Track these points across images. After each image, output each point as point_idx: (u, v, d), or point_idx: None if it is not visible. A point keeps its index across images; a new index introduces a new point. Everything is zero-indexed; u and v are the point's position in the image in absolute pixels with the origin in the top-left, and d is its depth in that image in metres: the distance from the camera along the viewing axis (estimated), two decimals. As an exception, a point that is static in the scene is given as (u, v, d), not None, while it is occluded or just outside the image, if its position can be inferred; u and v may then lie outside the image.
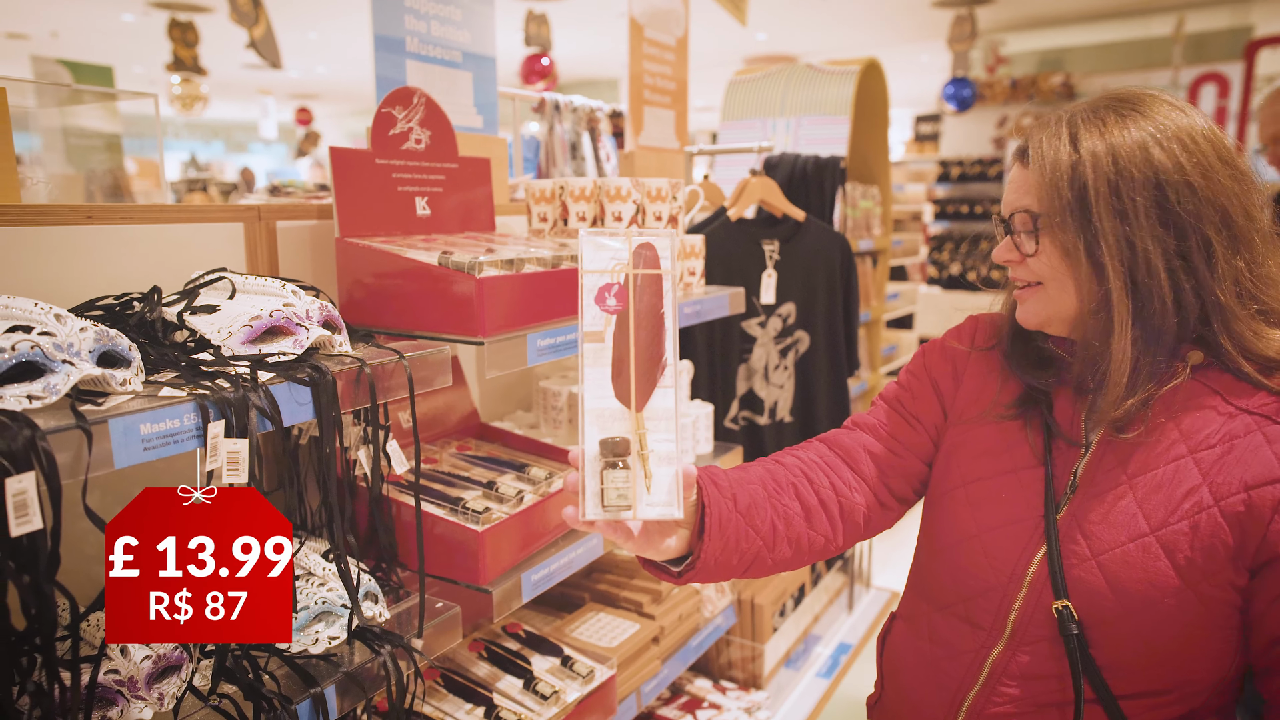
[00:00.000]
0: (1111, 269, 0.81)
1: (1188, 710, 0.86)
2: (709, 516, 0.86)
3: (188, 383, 0.86)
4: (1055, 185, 0.83)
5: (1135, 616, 0.83)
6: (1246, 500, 0.79)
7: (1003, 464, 0.94)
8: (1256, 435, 0.80)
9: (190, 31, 7.20)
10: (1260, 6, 6.49)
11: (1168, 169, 0.80)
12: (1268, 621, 0.80)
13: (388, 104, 1.36)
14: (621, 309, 0.76)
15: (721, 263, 2.00)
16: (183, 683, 0.90)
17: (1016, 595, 0.89)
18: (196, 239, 1.24)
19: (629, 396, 0.76)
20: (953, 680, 0.94)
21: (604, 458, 0.76)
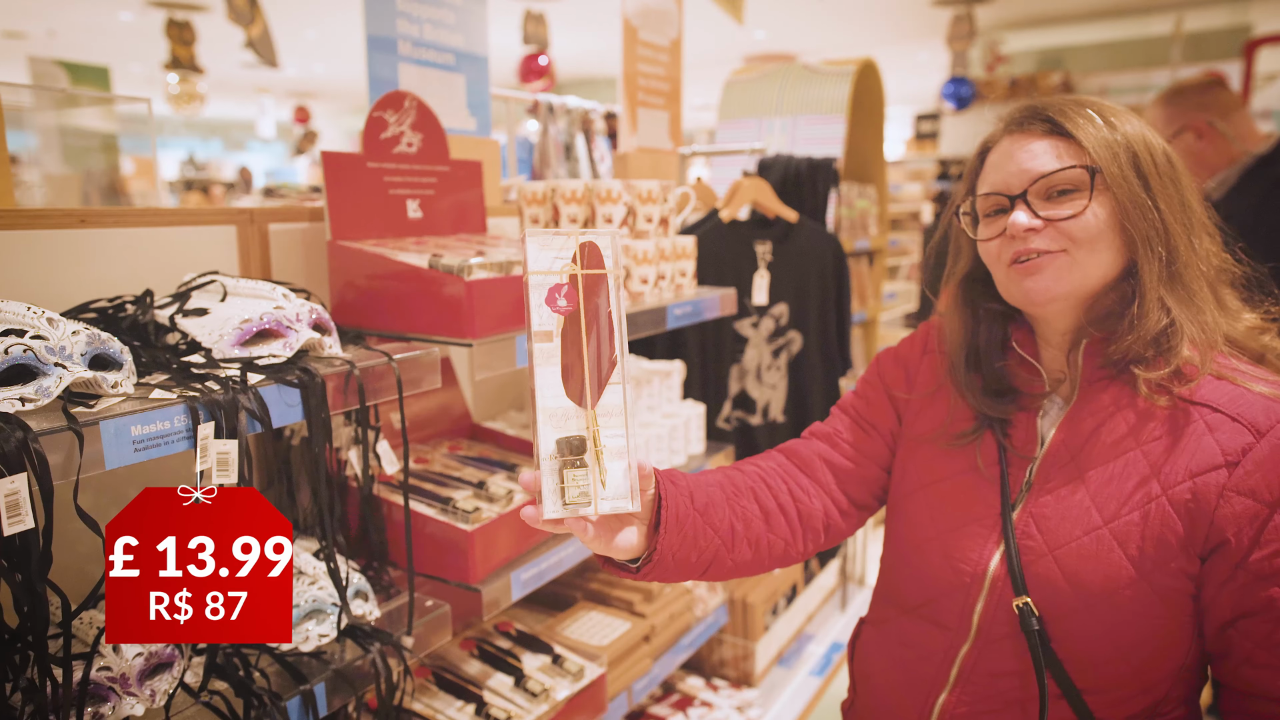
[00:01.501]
0: (1148, 233, 0.84)
1: (1152, 702, 0.88)
2: (665, 511, 0.86)
3: (178, 385, 0.87)
4: (1112, 149, 0.85)
5: (1093, 609, 0.85)
6: (1192, 488, 0.81)
7: (959, 465, 0.96)
8: (1199, 424, 0.83)
9: (188, 30, 7.21)
10: (1259, 5, 6.49)
11: (1171, 155, 0.88)
12: (1218, 606, 0.83)
13: (379, 108, 1.38)
14: (571, 309, 0.77)
15: (714, 264, 2.01)
16: (174, 680, 0.92)
17: (979, 594, 0.91)
18: (190, 242, 1.25)
19: (581, 395, 0.77)
20: (924, 682, 0.96)
21: (561, 456, 0.76)
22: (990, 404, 0.95)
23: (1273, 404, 0.81)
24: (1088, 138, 0.86)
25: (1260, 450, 0.80)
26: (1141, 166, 0.85)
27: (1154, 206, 0.85)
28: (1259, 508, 0.79)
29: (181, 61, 7.23)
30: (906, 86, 10.93)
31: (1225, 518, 0.80)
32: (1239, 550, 0.80)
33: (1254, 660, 0.82)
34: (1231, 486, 0.80)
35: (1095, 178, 0.85)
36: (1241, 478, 0.80)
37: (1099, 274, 0.87)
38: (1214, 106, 2.22)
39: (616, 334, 0.79)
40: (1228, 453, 0.81)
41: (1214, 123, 2.21)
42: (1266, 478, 0.79)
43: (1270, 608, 0.80)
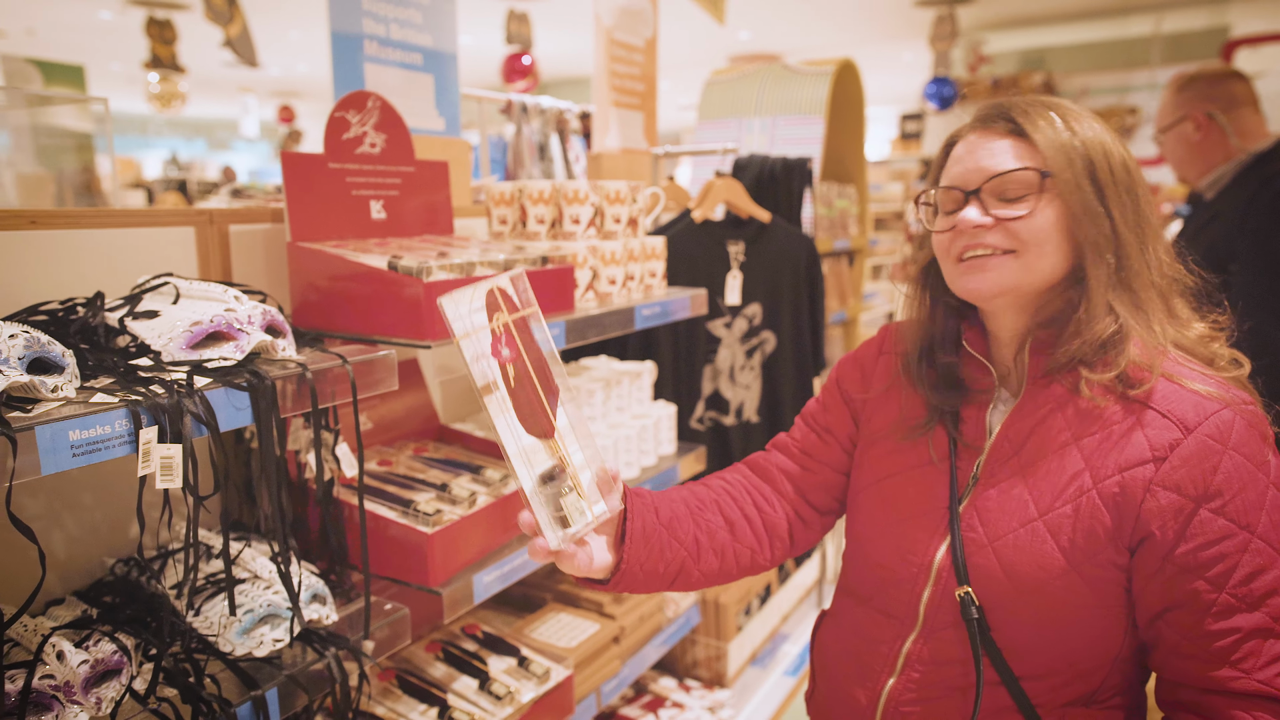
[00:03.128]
0: (1096, 237, 0.86)
1: (1088, 690, 0.90)
2: (630, 524, 0.91)
3: (122, 389, 0.86)
4: (1068, 154, 0.86)
5: (1028, 598, 0.87)
6: (1120, 482, 0.83)
7: (910, 460, 0.99)
8: (1133, 420, 0.85)
9: (168, 29, 7.15)
10: (1237, 7, 6.55)
11: (1129, 158, 0.89)
12: (1146, 598, 0.85)
13: (341, 108, 1.37)
14: (514, 355, 0.80)
15: (686, 264, 2.01)
16: (122, 687, 0.91)
17: (925, 585, 0.94)
18: (147, 244, 1.24)
19: (542, 429, 0.82)
20: (873, 670, 0.99)
21: (545, 489, 0.81)
22: (942, 396, 0.97)
23: (1204, 402, 0.83)
24: (1044, 141, 0.87)
25: (1187, 447, 0.82)
26: (1097, 174, 0.86)
27: (1106, 214, 0.86)
28: (1184, 502, 0.81)
29: (162, 60, 7.17)
30: (891, 87, 10.97)
31: (1151, 512, 0.82)
32: (1164, 544, 0.82)
33: (1180, 651, 0.84)
34: (1158, 481, 0.82)
35: (1045, 181, 0.87)
36: (1167, 473, 0.82)
37: (1044, 276, 0.89)
38: (1219, 99, 2.16)
39: (552, 364, 0.84)
40: (1155, 448, 0.82)
41: (1215, 116, 2.16)
42: (1191, 473, 0.81)
43: (1194, 600, 0.82)
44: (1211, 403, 0.83)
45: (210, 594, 1.05)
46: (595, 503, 0.85)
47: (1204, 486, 0.81)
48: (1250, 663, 0.81)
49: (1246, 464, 0.81)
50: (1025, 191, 0.87)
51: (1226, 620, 0.81)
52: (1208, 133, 2.18)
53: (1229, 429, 0.82)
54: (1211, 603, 0.81)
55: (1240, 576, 0.81)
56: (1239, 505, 0.81)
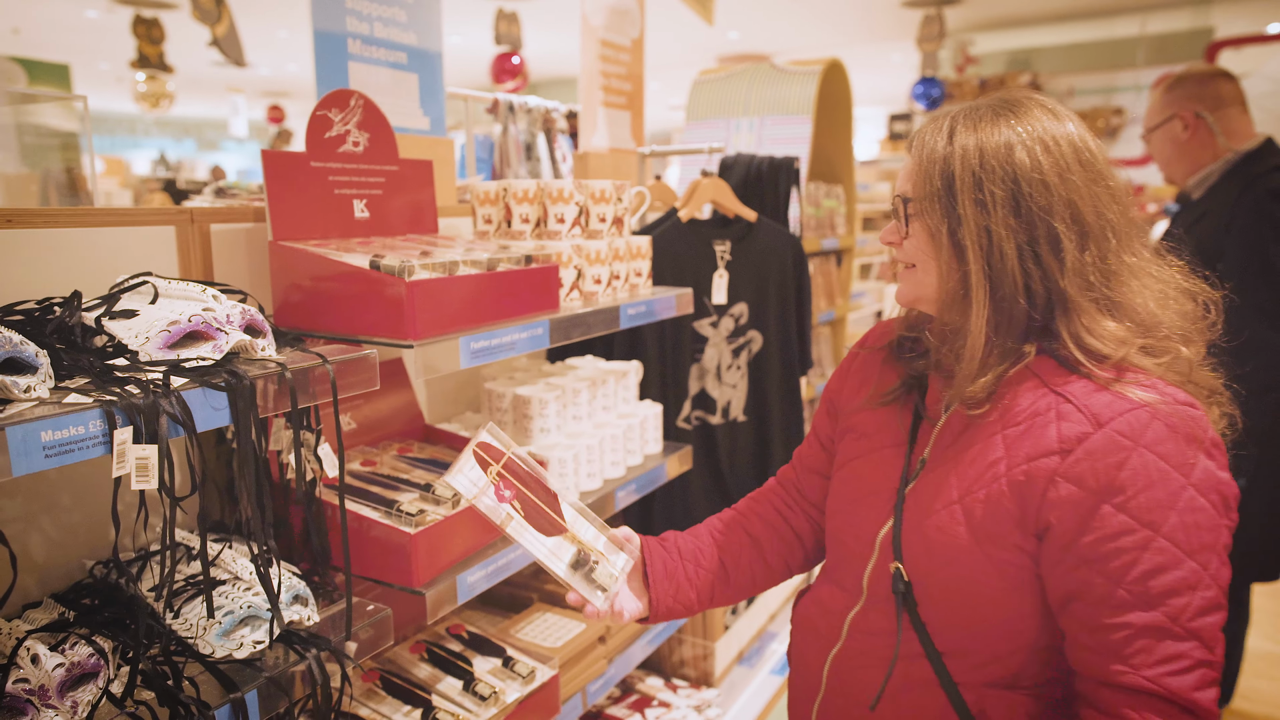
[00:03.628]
0: (971, 253, 0.89)
1: (1007, 673, 0.94)
2: (651, 568, 1.12)
3: (98, 389, 0.85)
4: (928, 174, 0.92)
5: (942, 574, 0.93)
6: (1027, 471, 0.87)
7: (873, 444, 1.05)
8: (1052, 413, 0.87)
9: (156, 28, 7.10)
10: (1220, 9, 6.61)
11: (1026, 167, 0.87)
12: (1050, 587, 0.89)
13: (323, 107, 1.36)
14: (515, 493, 1.04)
15: (673, 263, 2.01)
16: (99, 690, 0.90)
17: (870, 559, 1.01)
18: (127, 243, 1.23)
19: (557, 528, 1.07)
20: (824, 638, 1.07)
21: (579, 571, 1.05)
22: (914, 363, 1.05)
23: (1121, 400, 0.84)
24: (914, 162, 0.94)
25: (1094, 441, 0.83)
26: (954, 186, 0.89)
27: (960, 223, 0.89)
28: (1083, 495, 0.83)
29: (150, 60, 7.13)
30: (881, 87, 11.01)
31: (1051, 502, 0.85)
32: (1064, 534, 0.85)
33: (1079, 642, 0.87)
34: (1060, 473, 0.85)
35: (909, 205, 0.95)
36: (1071, 465, 0.84)
37: (933, 287, 0.95)
38: (1207, 99, 2.18)
39: (545, 477, 1.09)
40: (1064, 440, 0.85)
41: (1203, 115, 2.17)
42: (1094, 467, 0.83)
43: (1091, 593, 0.84)
44: (1127, 401, 0.84)
45: (190, 596, 1.04)
46: (616, 561, 1.10)
47: (1107, 481, 0.82)
48: (1141, 659, 0.82)
49: (1158, 463, 0.82)
50: (905, 213, 0.96)
51: (1121, 615, 0.82)
52: (1195, 132, 2.19)
53: (1143, 428, 0.82)
54: (1108, 596, 0.83)
55: (1138, 574, 0.81)
56: (1142, 503, 0.81)
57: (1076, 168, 0.88)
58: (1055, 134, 0.88)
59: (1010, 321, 0.89)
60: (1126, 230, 0.90)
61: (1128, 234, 0.90)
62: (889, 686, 0.97)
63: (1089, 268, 0.88)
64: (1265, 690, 2.79)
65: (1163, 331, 0.89)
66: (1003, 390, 0.91)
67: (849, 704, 1.02)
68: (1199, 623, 0.81)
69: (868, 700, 0.99)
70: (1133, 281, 0.90)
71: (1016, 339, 0.90)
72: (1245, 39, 6.28)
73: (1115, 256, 0.89)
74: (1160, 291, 0.91)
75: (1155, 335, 0.89)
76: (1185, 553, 0.81)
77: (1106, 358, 0.87)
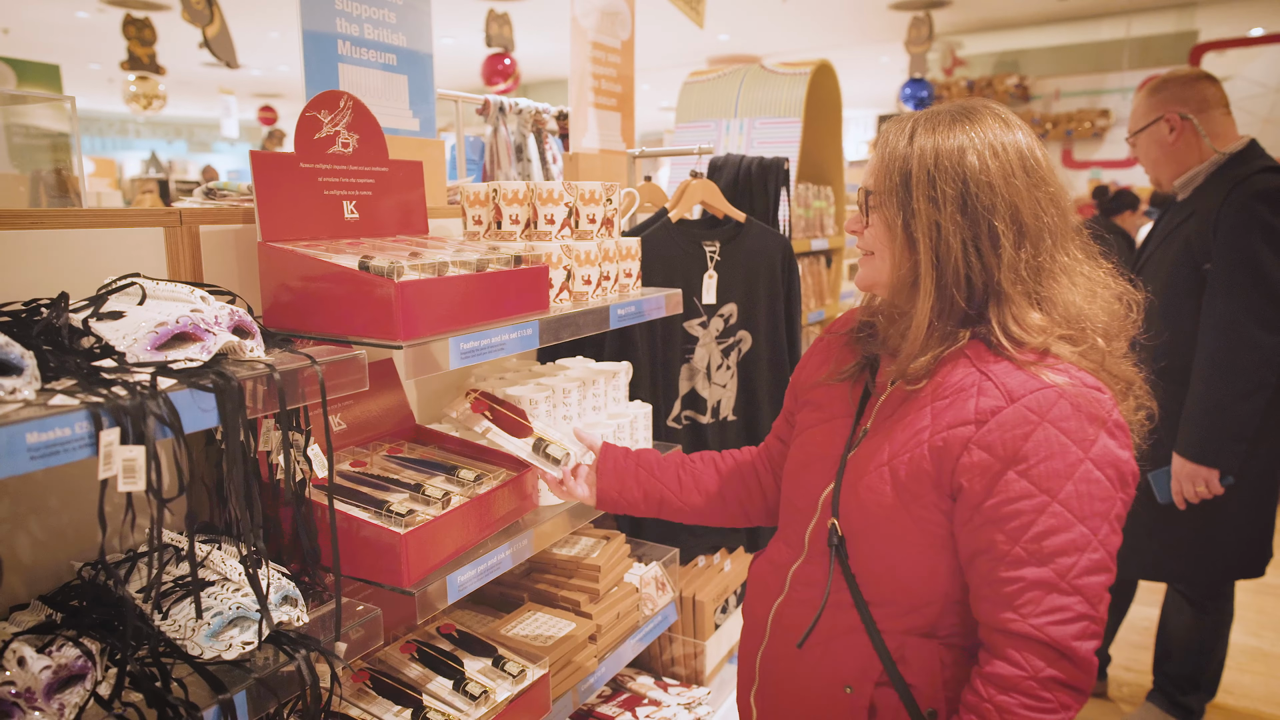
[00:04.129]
0: (921, 244, 0.99)
1: (925, 622, 1.04)
2: (601, 463, 1.36)
3: (84, 390, 0.85)
4: (888, 170, 1.01)
5: (870, 530, 1.04)
6: (945, 438, 0.97)
7: (825, 415, 1.16)
8: (974, 388, 0.97)
9: (147, 29, 7.07)
10: (1204, 12, 6.67)
11: (975, 170, 0.97)
12: (961, 543, 0.99)
13: (312, 108, 1.36)
14: (494, 415, 1.44)
15: (663, 264, 2.02)
16: (86, 692, 0.90)
17: (813, 517, 1.12)
18: (115, 245, 1.23)
19: (523, 431, 1.44)
20: (771, 590, 1.18)
21: (537, 453, 1.40)
22: (869, 345, 1.14)
23: (1032, 379, 0.94)
24: (877, 158, 1.03)
25: (1005, 414, 0.94)
26: (910, 183, 0.99)
27: (915, 219, 0.99)
28: (993, 461, 0.94)
29: (141, 61, 7.09)
30: (869, 89, 11.05)
31: (964, 466, 0.95)
32: (973, 496, 0.95)
33: (980, 593, 0.98)
34: (975, 441, 0.95)
35: (870, 197, 1.05)
36: (984, 434, 0.94)
37: (887, 275, 1.05)
38: (1192, 101, 2.19)
39: (518, 404, 1.48)
40: (980, 413, 0.95)
41: (1188, 117, 2.19)
42: (1004, 437, 0.93)
43: (992, 549, 0.94)
44: (1038, 381, 0.94)
45: (179, 597, 1.05)
46: (575, 450, 1.41)
47: (1013, 450, 0.93)
48: (1029, 609, 0.92)
49: (1060, 437, 0.92)
50: (866, 204, 1.06)
51: (1016, 570, 0.93)
52: (1181, 134, 2.21)
53: (1050, 405, 0.92)
54: (1006, 553, 0.93)
55: (1033, 534, 0.92)
56: (1042, 471, 0.92)
57: (1020, 173, 0.97)
58: (1004, 141, 0.98)
59: (951, 308, 0.99)
60: (1063, 232, 1.00)
61: (1064, 235, 1.00)
62: (823, 633, 1.08)
63: (1023, 264, 0.97)
64: (1249, 684, 2.82)
65: (1085, 325, 0.99)
66: (938, 368, 1.01)
67: (788, 648, 1.12)
68: (1084, 580, 0.92)
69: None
70: (1063, 279, 0.99)
71: (955, 324, 1.00)
72: (1228, 42, 6.34)
73: (1049, 255, 0.98)
74: (1088, 289, 1.01)
75: (1077, 327, 0.98)
76: (1077, 518, 0.91)
77: (1025, 344, 0.97)
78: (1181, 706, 2.43)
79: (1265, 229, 1.98)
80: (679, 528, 2.13)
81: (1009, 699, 0.93)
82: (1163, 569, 2.30)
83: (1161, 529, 2.24)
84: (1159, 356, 2.19)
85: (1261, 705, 2.70)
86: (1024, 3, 6.62)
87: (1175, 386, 2.16)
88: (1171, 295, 2.16)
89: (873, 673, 1.03)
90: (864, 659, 1.04)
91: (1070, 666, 0.92)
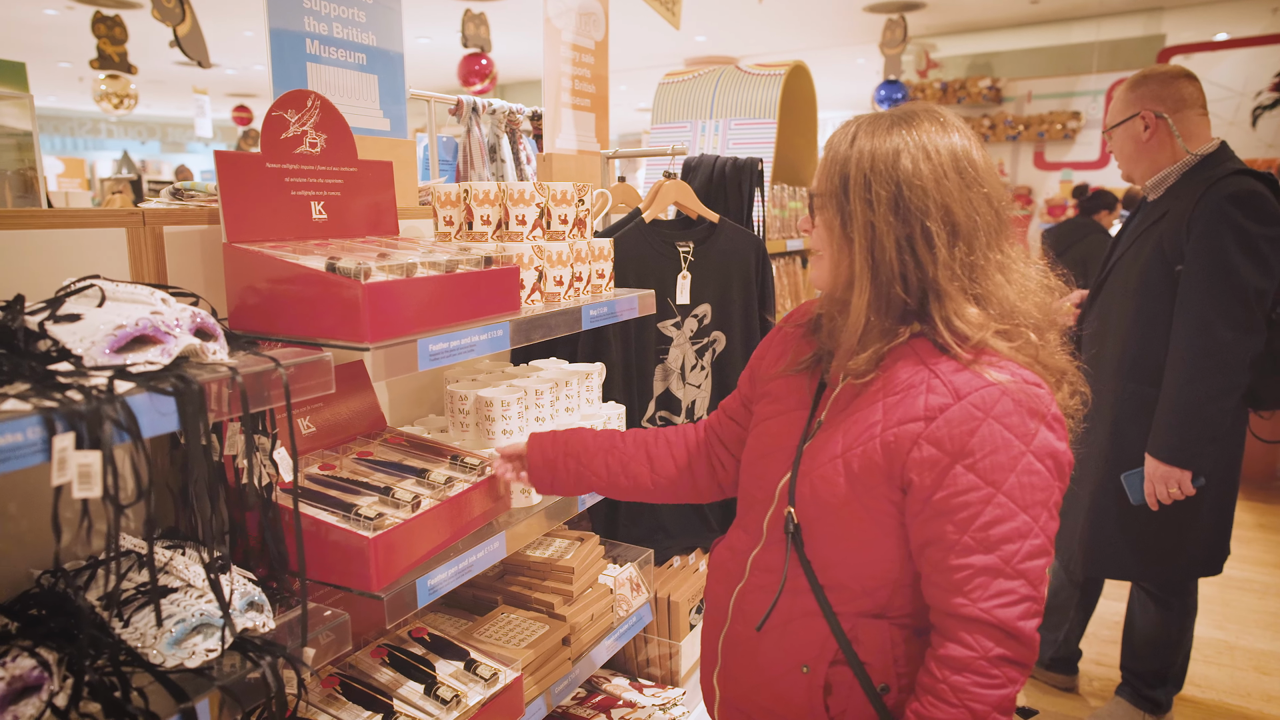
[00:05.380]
0: (857, 244, 1.03)
1: (877, 607, 1.08)
2: (529, 454, 1.42)
3: (38, 394, 0.84)
4: (830, 173, 1.05)
5: (825, 519, 1.07)
6: (896, 433, 1.01)
7: (782, 407, 1.19)
8: (923, 386, 1.01)
9: (117, 27, 6.95)
10: (1171, 17, 6.79)
11: (908, 172, 1.00)
12: (912, 533, 1.03)
13: (279, 107, 1.35)
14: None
15: (636, 264, 2.02)
16: (42, 704, 0.88)
17: (770, 506, 1.15)
18: (76, 245, 1.21)
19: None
20: (731, 576, 1.21)
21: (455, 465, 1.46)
22: (822, 340, 1.17)
23: (976, 378, 0.99)
24: (823, 163, 1.07)
25: (953, 411, 0.98)
26: (848, 186, 1.02)
27: (852, 220, 1.03)
28: (941, 456, 0.98)
29: (111, 59, 6.97)
30: (845, 90, 11.12)
31: (915, 461, 0.99)
32: (923, 490, 0.99)
33: (931, 580, 1.02)
34: (924, 436, 0.99)
35: (814, 200, 1.09)
36: (933, 430, 0.98)
37: (830, 273, 1.09)
38: (1168, 100, 2.18)
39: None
40: (929, 409, 0.99)
41: (1163, 116, 2.18)
42: (952, 432, 0.98)
43: (942, 538, 0.99)
44: (982, 380, 0.98)
45: (140, 604, 1.03)
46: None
47: (960, 445, 0.97)
48: (978, 594, 0.97)
49: (1003, 432, 0.97)
50: (811, 206, 1.10)
51: (965, 558, 0.98)
52: (1155, 132, 2.20)
53: (994, 402, 0.97)
54: (955, 542, 0.98)
55: (981, 523, 0.97)
56: (988, 465, 0.96)
57: (953, 174, 1.00)
58: (938, 144, 1.01)
59: (888, 305, 1.03)
60: (997, 230, 1.03)
61: (998, 234, 1.03)
62: (781, 616, 1.12)
63: (958, 262, 1.01)
64: (1214, 676, 2.87)
65: (1019, 319, 1.03)
66: (888, 363, 1.04)
67: (748, 631, 1.16)
68: (1027, 565, 0.97)
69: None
70: (997, 275, 1.03)
71: (894, 320, 1.04)
72: (1194, 46, 6.46)
73: (983, 253, 1.02)
74: (1021, 285, 1.05)
75: (1012, 322, 1.02)
76: (1020, 507, 0.97)
77: (968, 339, 1.00)
78: (1150, 699, 2.46)
79: (1237, 231, 1.98)
80: (655, 529, 2.13)
81: (962, 679, 0.98)
82: (1130, 568, 2.32)
83: (1129, 528, 2.26)
84: (1133, 357, 2.20)
85: (1226, 696, 2.75)
86: (997, 6, 6.70)
87: (1148, 388, 2.15)
88: (1144, 297, 2.16)
89: (828, 653, 1.08)
90: (820, 640, 1.09)
91: (1017, 645, 0.98)
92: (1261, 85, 5.95)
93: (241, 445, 1.22)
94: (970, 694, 0.97)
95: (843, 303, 1.07)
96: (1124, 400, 2.21)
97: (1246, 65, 6.14)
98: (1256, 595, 3.47)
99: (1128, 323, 2.20)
